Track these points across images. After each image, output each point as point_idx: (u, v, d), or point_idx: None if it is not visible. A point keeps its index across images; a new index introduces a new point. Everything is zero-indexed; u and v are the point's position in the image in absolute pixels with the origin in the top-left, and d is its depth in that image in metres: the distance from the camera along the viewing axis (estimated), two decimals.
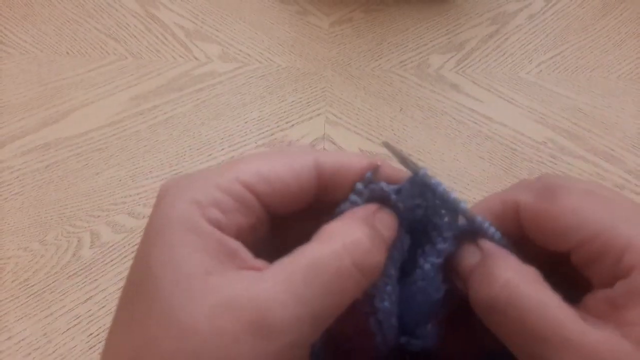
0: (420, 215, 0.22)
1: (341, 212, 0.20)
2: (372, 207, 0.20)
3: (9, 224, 0.50)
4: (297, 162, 0.19)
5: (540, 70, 0.65)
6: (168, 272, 0.17)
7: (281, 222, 0.20)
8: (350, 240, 0.18)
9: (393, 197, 0.21)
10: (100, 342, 0.43)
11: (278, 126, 0.58)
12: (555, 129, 0.59)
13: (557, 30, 0.69)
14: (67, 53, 0.65)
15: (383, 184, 0.21)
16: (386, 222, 0.20)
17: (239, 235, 0.18)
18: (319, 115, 0.60)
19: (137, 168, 0.54)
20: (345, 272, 0.17)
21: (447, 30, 0.69)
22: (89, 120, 0.58)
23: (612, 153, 0.57)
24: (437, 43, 0.67)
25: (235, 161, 0.19)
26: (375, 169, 0.20)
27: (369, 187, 0.20)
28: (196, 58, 0.65)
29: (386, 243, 0.19)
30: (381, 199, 0.21)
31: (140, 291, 0.17)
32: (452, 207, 0.21)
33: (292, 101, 0.61)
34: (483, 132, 0.58)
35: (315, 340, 0.17)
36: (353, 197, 0.20)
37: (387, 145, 0.22)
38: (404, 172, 0.21)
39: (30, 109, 0.59)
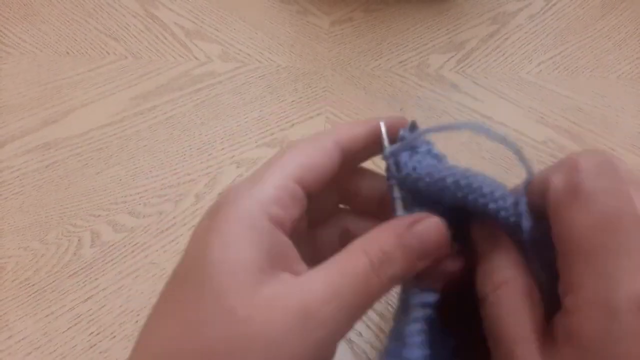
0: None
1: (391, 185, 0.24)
2: (407, 220, 0.22)
3: (9, 224, 0.50)
4: (325, 146, 0.23)
5: (540, 70, 0.65)
6: (225, 262, 0.18)
7: (313, 201, 0.23)
8: (377, 258, 0.20)
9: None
10: (101, 341, 0.43)
11: (278, 126, 0.58)
12: (555, 128, 0.59)
13: (557, 30, 0.69)
14: (67, 53, 0.65)
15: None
16: (419, 233, 0.22)
17: (293, 227, 0.21)
18: (319, 114, 0.60)
19: (137, 168, 0.54)
20: (370, 280, 0.20)
21: (447, 30, 0.69)
22: (89, 120, 0.58)
23: (612, 153, 0.57)
24: (437, 43, 0.67)
25: (279, 158, 0.22)
26: (410, 125, 0.25)
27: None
28: (196, 58, 0.65)
29: (416, 254, 0.21)
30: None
31: (195, 277, 0.19)
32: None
33: (292, 101, 0.61)
34: None
35: (347, 332, 0.20)
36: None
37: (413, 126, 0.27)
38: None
39: (30, 109, 0.59)
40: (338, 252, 0.21)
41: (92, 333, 0.44)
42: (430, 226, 0.22)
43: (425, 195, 0.24)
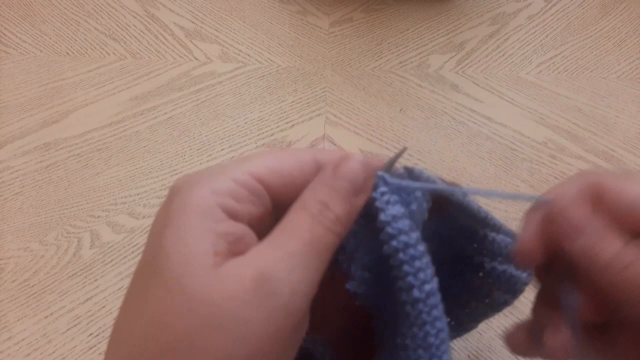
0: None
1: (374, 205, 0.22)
2: (330, 167, 0.22)
3: (9, 224, 0.50)
4: (300, 157, 0.22)
5: (540, 71, 0.65)
6: (179, 250, 0.18)
7: (283, 211, 0.22)
8: (316, 209, 0.20)
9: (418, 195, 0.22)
10: (100, 342, 0.43)
11: (278, 126, 0.58)
12: (555, 129, 0.59)
13: (557, 30, 0.69)
14: (67, 53, 0.65)
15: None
16: (345, 174, 0.21)
17: (250, 224, 0.20)
18: (319, 115, 0.60)
19: (137, 168, 0.54)
20: (314, 231, 0.20)
21: (447, 30, 0.69)
22: (89, 121, 0.58)
23: (612, 153, 0.57)
24: (437, 43, 0.67)
25: (246, 157, 0.22)
26: (387, 167, 0.22)
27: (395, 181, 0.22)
28: (196, 58, 0.65)
29: (351, 192, 0.21)
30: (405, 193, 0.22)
31: (152, 269, 0.19)
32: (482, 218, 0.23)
33: (292, 101, 0.61)
34: (483, 132, 0.58)
35: (312, 293, 0.19)
36: (381, 188, 0.22)
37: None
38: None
39: (30, 109, 0.59)
40: (283, 218, 0.20)
41: (91, 334, 0.44)
42: (353, 164, 0.21)
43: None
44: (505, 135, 0.58)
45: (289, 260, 0.18)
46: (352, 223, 0.21)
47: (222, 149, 0.56)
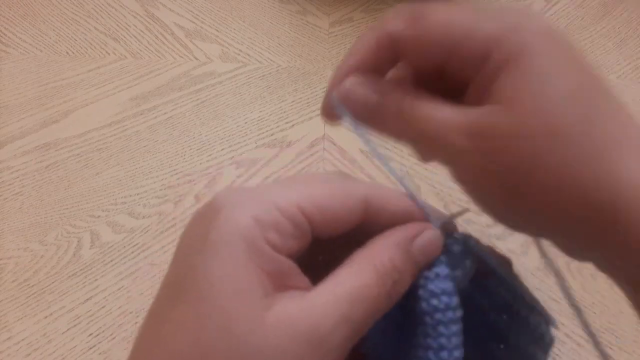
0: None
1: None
2: (411, 230, 0.21)
3: (9, 224, 0.50)
4: (350, 195, 0.20)
5: None
6: (229, 285, 0.17)
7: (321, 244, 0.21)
8: (384, 271, 0.19)
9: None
10: (100, 342, 0.43)
11: (278, 126, 0.58)
12: None
13: None
14: (67, 53, 0.65)
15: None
16: (423, 248, 0.21)
17: (289, 257, 0.19)
18: (319, 115, 0.59)
19: (137, 168, 0.54)
20: (380, 299, 0.19)
21: None
22: (89, 120, 0.58)
23: None
24: None
25: (292, 181, 0.20)
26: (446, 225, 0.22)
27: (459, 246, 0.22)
28: (196, 58, 0.65)
29: (419, 267, 0.21)
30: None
31: (194, 295, 0.17)
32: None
33: (292, 101, 0.61)
34: None
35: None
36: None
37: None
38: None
39: (30, 109, 0.59)
40: (344, 265, 0.19)
41: (91, 334, 0.43)
42: (433, 239, 0.21)
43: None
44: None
45: (348, 326, 0.18)
46: None
47: (222, 149, 0.56)
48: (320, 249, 0.21)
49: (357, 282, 0.19)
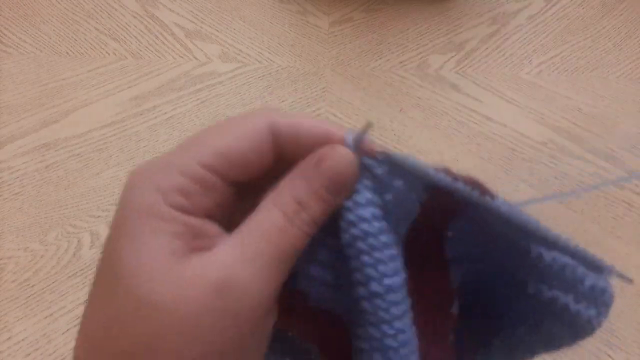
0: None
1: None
2: (313, 159, 0.20)
3: (9, 224, 0.50)
4: (251, 130, 0.19)
5: (540, 71, 0.65)
6: (132, 255, 0.17)
7: (246, 186, 0.21)
8: (290, 210, 0.19)
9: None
10: None
11: None
12: (555, 129, 0.59)
13: (557, 30, 0.69)
14: (67, 53, 0.65)
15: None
16: (331, 173, 0.19)
17: (207, 215, 0.19)
18: (319, 115, 0.60)
19: None
20: (292, 238, 0.19)
21: (447, 30, 0.69)
22: (89, 120, 0.58)
23: (612, 153, 0.57)
24: (437, 43, 0.67)
25: (191, 140, 0.20)
26: (358, 138, 0.19)
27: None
28: (196, 58, 0.65)
29: (333, 194, 0.20)
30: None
31: (106, 275, 0.18)
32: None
33: (292, 101, 0.61)
34: (483, 132, 0.58)
35: (271, 304, 0.18)
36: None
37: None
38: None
39: (30, 109, 0.59)
40: (251, 213, 0.19)
41: None
42: (340, 160, 0.19)
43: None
44: (505, 135, 0.58)
45: (256, 263, 0.18)
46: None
47: None
48: (252, 192, 0.21)
49: (261, 222, 0.19)
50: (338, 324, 0.22)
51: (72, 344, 0.43)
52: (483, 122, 0.59)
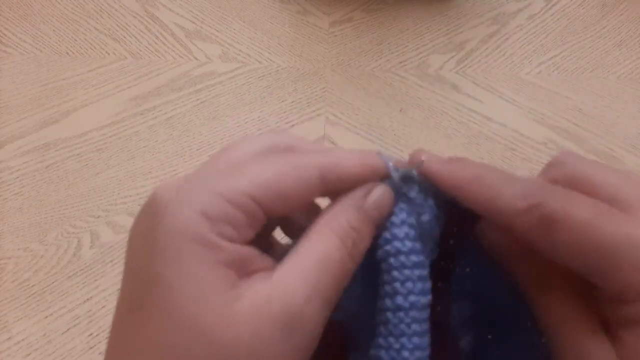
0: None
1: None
2: (362, 191, 0.20)
3: (9, 224, 0.50)
4: (303, 171, 0.19)
5: (540, 71, 0.64)
6: (188, 288, 0.17)
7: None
8: (343, 233, 0.19)
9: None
10: (100, 342, 0.43)
11: (278, 126, 0.58)
12: (555, 129, 0.59)
13: (557, 30, 0.69)
14: (67, 53, 0.65)
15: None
16: (375, 202, 0.20)
17: (246, 243, 0.19)
18: (319, 115, 0.60)
19: (137, 168, 0.54)
20: (344, 262, 0.19)
21: (447, 30, 0.69)
22: (89, 120, 0.58)
23: (612, 153, 0.57)
24: (437, 43, 0.67)
25: (235, 165, 0.19)
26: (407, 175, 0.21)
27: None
28: (196, 58, 0.65)
29: (375, 223, 0.20)
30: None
31: (155, 308, 0.17)
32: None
33: (292, 101, 0.61)
34: (483, 133, 0.58)
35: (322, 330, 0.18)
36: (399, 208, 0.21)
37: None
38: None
39: (30, 109, 0.59)
40: (304, 237, 0.19)
41: (91, 334, 0.44)
42: (384, 192, 0.20)
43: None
44: (505, 135, 0.58)
45: (319, 297, 0.17)
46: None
47: None
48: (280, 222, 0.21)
49: (320, 249, 0.18)
50: (333, 330, 0.22)
51: (72, 344, 0.43)
52: (483, 122, 0.59)
